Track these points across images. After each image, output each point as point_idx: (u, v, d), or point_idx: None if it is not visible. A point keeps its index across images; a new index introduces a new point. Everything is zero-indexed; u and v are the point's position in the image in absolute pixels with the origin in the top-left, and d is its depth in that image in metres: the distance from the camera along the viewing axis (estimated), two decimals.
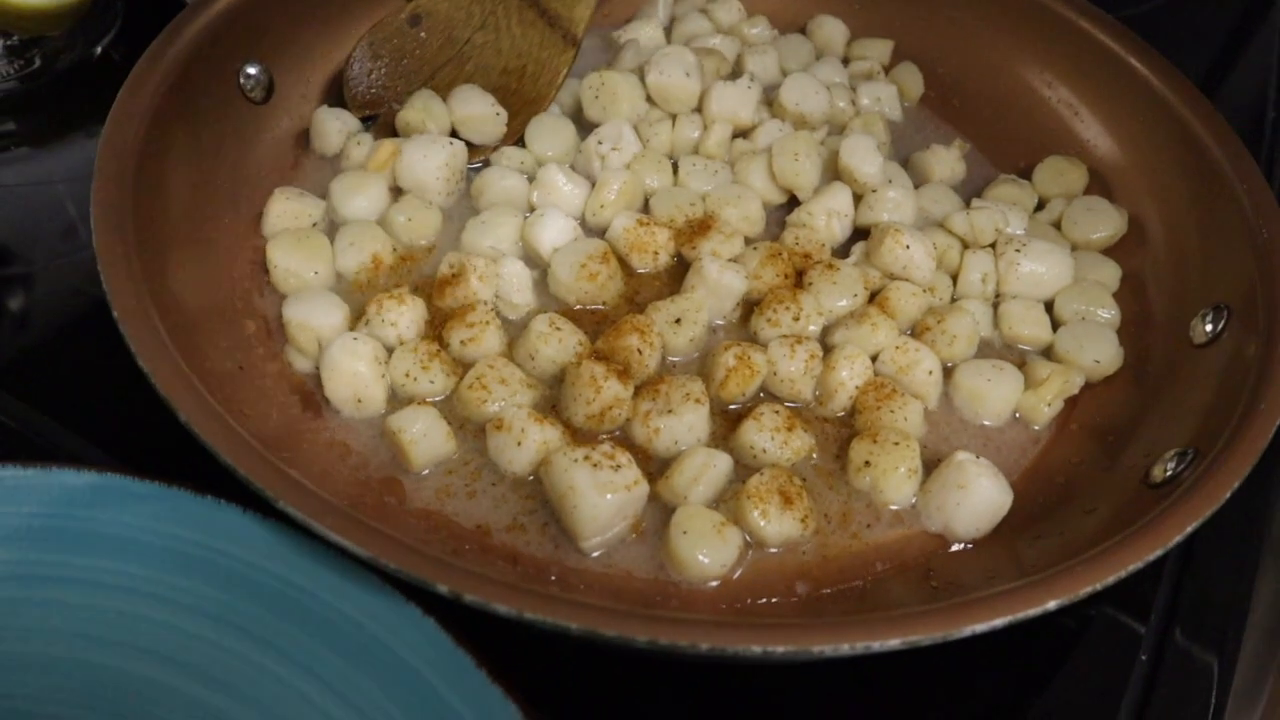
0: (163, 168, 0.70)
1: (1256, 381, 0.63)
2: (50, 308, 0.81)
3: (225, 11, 0.78)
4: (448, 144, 0.76)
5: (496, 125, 0.81)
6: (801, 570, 0.62)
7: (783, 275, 0.73)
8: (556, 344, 0.68)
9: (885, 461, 0.64)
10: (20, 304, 0.81)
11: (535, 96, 0.84)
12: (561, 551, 0.62)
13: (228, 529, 0.55)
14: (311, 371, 0.68)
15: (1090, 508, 0.65)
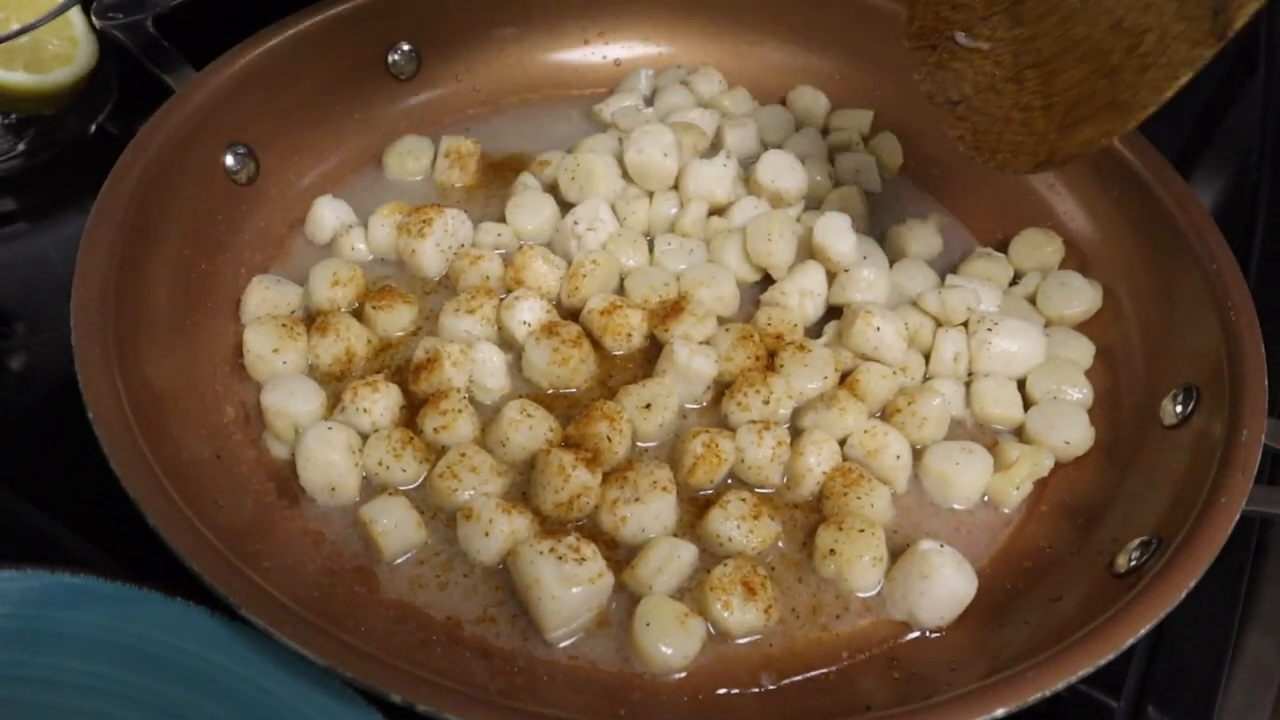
0: (146, 257, 0.72)
1: (1218, 472, 0.63)
2: (41, 386, 0.82)
3: (211, 97, 0.80)
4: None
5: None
6: (767, 661, 0.63)
7: (754, 357, 0.74)
8: (527, 431, 0.69)
9: (850, 550, 0.65)
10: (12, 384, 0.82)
11: (1124, 100, 0.61)
12: (530, 643, 0.63)
13: (196, 631, 0.56)
14: (288, 458, 0.70)
15: (1056, 595, 0.65)
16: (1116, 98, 0.61)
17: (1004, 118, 0.68)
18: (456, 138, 0.88)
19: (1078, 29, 0.63)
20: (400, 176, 0.88)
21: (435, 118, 0.94)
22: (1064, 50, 0.64)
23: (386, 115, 0.92)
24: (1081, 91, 0.63)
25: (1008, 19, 0.67)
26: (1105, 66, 0.62)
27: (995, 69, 0.68)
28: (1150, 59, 0.59)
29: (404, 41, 0.91)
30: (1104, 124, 0.62)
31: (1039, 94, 0.66)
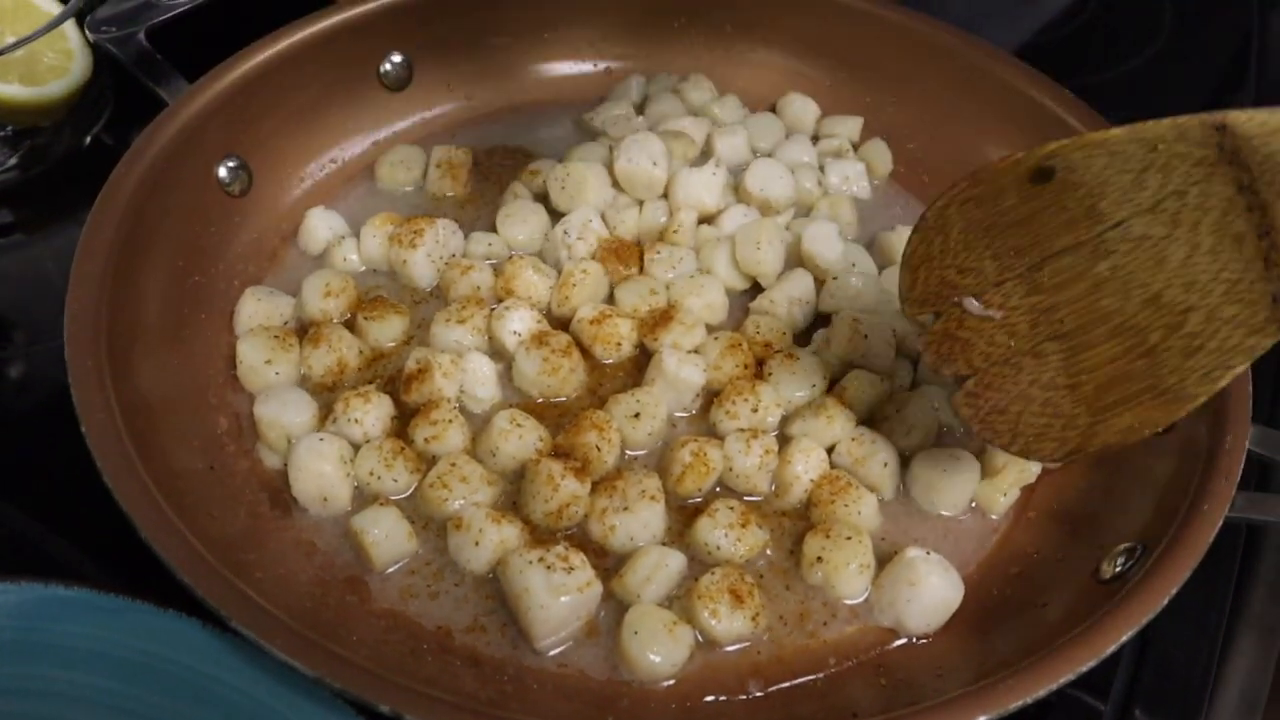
0: (140, 269, 0.73)
1: (1202, 478, 0.63)
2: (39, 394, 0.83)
3: (204, 110, 0.80)
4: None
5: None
6: (755, 668, 0.63)
7: (743, 365, 0.74)
8: (517, 440, 0.69)
9: (837, 557, 0.65)
10: (10, 393, 0.83)
11: (1170, 386, 0.55)
12: (520, 652, 0.63)
13: (189, 642, 0.57)
14: (281, 468, 0.70)
15: (1042, 601, 0.66)
16: (1159, 383, 0.55)
17: (1022, 396, 0.60)
18: (448, 147, 0.89)
19: (1106, 300, 0.56)
20: (392, 187, 0.89)
21: (427, 128, 0.94)
22: (1090, 323, 0.57)
23: (379, 126, 0.93)
24: (1114, 371, 0.57)
25: (1023, 286, 0.59)
26: (1142, 345, 0.56)
27: (1011, 340, 0.60)
28: (1198, 341, 0.53)
29: (396, 52, 0.92)
30: (1145, 412, 0.56)
31: (1063, 371, 0.59)
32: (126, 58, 0.82)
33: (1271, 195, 0.50)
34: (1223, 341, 0.53)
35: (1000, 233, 0.59)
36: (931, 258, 0.61)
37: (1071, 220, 0.56)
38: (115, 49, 0.82)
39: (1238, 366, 0.53)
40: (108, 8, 0.84)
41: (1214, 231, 0.52)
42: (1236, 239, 0.52)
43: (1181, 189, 0.53)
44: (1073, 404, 0.59)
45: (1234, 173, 0.51)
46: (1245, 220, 0.51)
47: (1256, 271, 0.51)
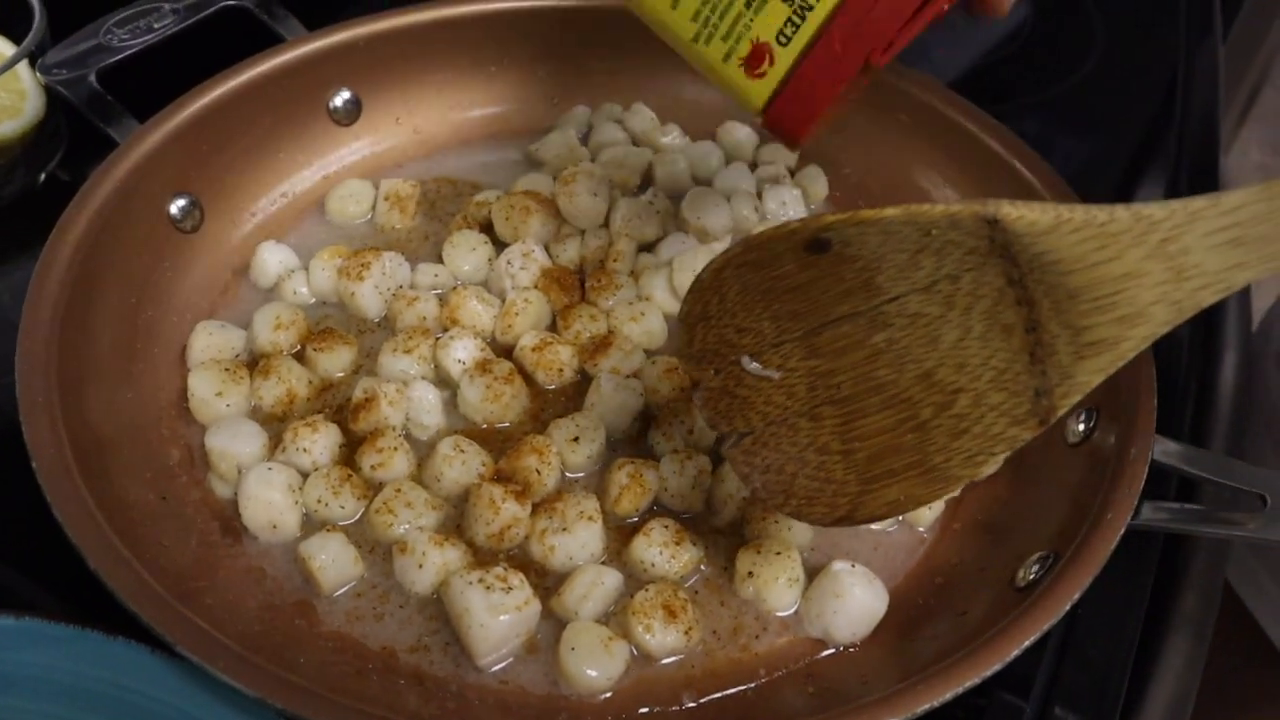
0: (92, 307, 0.75)
1: (1107, 489, 0.67)
2: None
3: (154, 149, 0.83)
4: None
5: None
6: (688, 681, 0.66)
7: (678, 389, 0.77)
8: (460, 466, 0.72)
9: (767, 572, 0.68)
10: None
11: (937, 464, 0.57)
12: (462, 670, 0.66)
13: (137, 668, 0.59)
14: (232, 497, 0.73)
15: (963, 610, 0.69)
16: (926, 459, 0.57)
17: (798, 458, 0.60)
18: (395, 181, 0.92)
19: (882, 371, 0.57)
20: (342, 220, 0.91)
21: (376, 161, 0.97)
22: (866, 391, 0.58)
23: (329, 160, 0.95)
24: (886, 442, 0.58)
25: (802, 348, 0.59)
26: (914, 419, 0.57)
27: (789, 400, 0.60)
28: (965, 424, 0.55)
29: (344, 88, 0.95)
30: (911, 487, 0.58)
31: (838, 435, 0.59)
32: (78, 99, 0.84)
33: (1039, 293, 0.51)
34: (987, 427, 0.54)
35: (778, 297, 0.58)
36: (709, 316, 0.60)
37: (849, 290, 0.56)
38: (66, 91, 0.84)
39: (1000, 454, 0.54)
40: (59, 50, 0.86)
41: (985, 318, 0.53)
42: (1006, 329, 0.53)
43: (955, 274, 0.53)
44: (844, 470, 0.59)
45: (1004, 266, 0.52)
46: (1014, 312, 0.52)
47: (1023, 364, 0.53)
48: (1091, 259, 0.50)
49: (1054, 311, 0.51)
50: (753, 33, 0.58)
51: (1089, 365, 0.52)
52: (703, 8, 0.58)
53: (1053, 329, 0.52)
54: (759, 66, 0.58)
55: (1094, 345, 0.51)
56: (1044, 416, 0.53)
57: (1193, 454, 0.70)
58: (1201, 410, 0.98)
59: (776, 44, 0.57)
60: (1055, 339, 0.52)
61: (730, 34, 0.58)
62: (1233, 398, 1.04)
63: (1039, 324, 0.52)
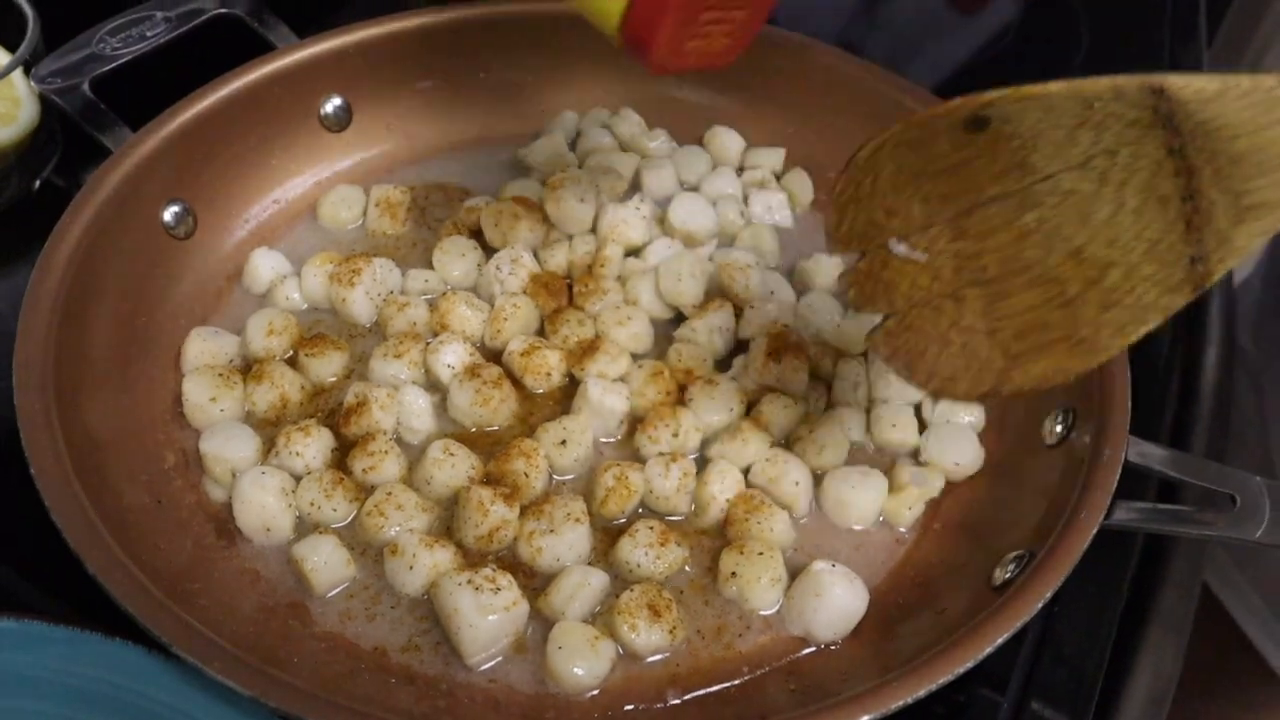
0: (88, 314, 0.76)
1: (1082, 488, 0.68)
2: None
3: (148, 157, 0.84)
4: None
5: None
6: (673, 679, 0.68)
7: (665, 392, 0.79)
8: (450, 469, 0.73)
9: (750, 572, 0.70)
10: None
11: (1085, 336, 0.57)
12: (452, 669, 0.67)
13: (134, 668, 0.60)
14: (226, 501, 0.74)
15: (941, 608, 0.70)
16: (1074, 333, 0.57)
17: (940, 338, 0.61)
18: (386, 187, 0.93)
19: (1029, 251, 0.57)
20: (334, 226, 0.93)
21: (368, 166, 0.98)
22: (1013, 272, 0.58)
23: (320, 166, 0.96)
24: (1033, 320, 0.58)
25: (950, 230, 0.59)
26: (1061, 296, 0.57)
27: (933, 283, 0.61)
28: (1115, 297, 0.55)
29: (335, 95, 0.96)
30: (1060, 360, 0.58)
31: (983, 316, 0.60)
32: (71, 108, 0.85)
33: (1200, 161, 0.52)
34: (1139, 298, 0.55)
35: (930, 178, 0.58)
36: (860, 199, 0.60)
37: (1002, 171, 0.56)
38: (60, 99, 0.85)
39: (1151, 323, 0.54)
40: (53, 59, 0.87)
41: (1140, 192, 0.54)
42: (1162, 201, 0.53)
43: (1113, 148, 0.53)
44: (989, 348, 0.60)
45: (1166, 136, 0.52)
46: (1172, 183, 0.53)
47: (1178, 233, 0.53)
48: (1258, 123, 0.50)
49: (1215, 178, 0.52)
50: None
51: (1248, 229, 0.52)
52: None
53: (1212, 195, 0.52)
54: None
55: (1255, 209, 0.51)
56: (1199, 282, 0.53)
57: (1166, 455, 0.72)
58: (1184, 407, 1.00)
59: None
60: (1214, 205, 0.52)
61: None
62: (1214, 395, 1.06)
63: (1198, 192, 0.52)
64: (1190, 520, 0.70)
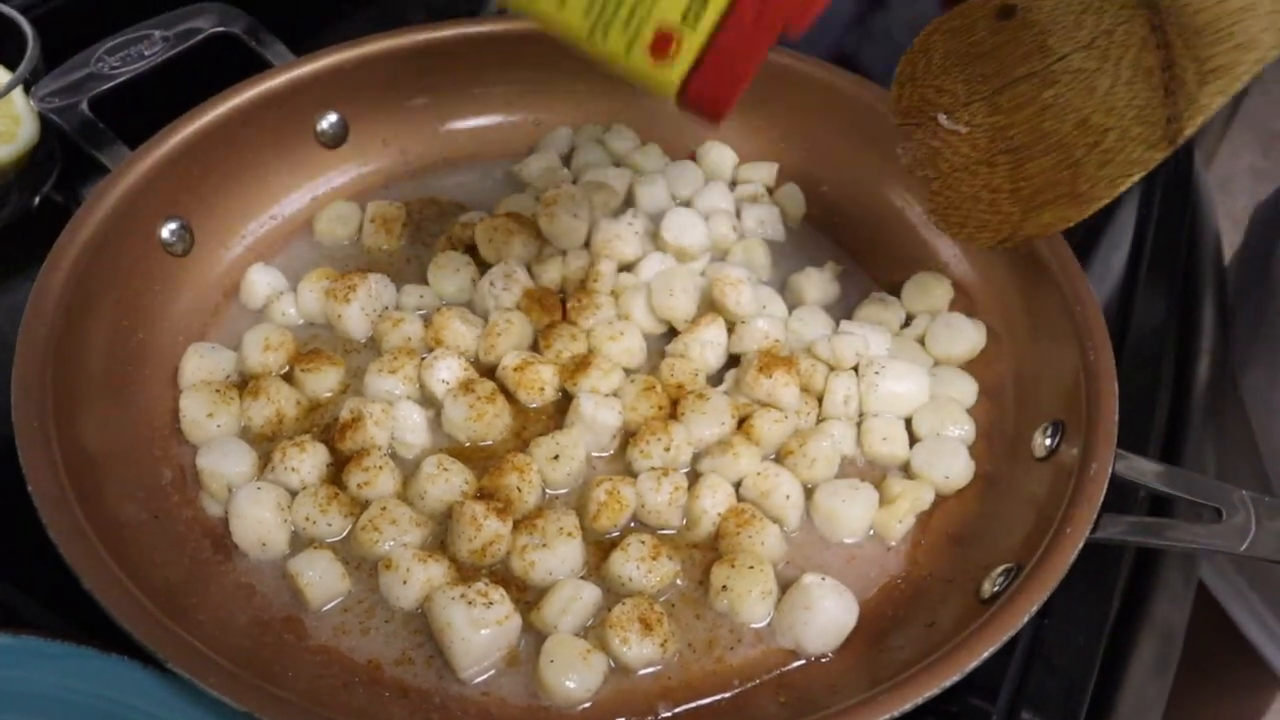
0: (86, 331, 0.77)
1: (1069, 502, 0.69)
2: None
3: (145, 175, 0.85)
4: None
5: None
6: (664, 692, 0.68)
7: (657, 407, 0.80)
8: (444, 484, 0.74)
9: (741, 585, 0.71)
10: None
11: (1083, 191, 0.69)
12: (445, 682, 0.68)
13: (131, 684, 0.61)
14: (223, 515, 0.75)
15: (931, 621, 0.71)
16: (1076, 188, 0.69)
17: (973, 196, 0.75)
18: (382, 203, 0.94)
19: (1048, 123, 0.70)
20: (330, 241, 0.93)
21: (364, 182, 0.99)
22: (1034, 140, 0.71)
23: (317, 182, 0.97)
24: (1047, 179, 0.71)
25: (986, 107, 0.73)
26: (1069, 159, 0.69)
27: (971, 151, 0.75)
28: (1109, 155, 0.66)
29: (331, 111, 0.97)
30: (1062, 210, 0.71)
31: (1008, 178, 0.73)
32: (70, 127, 0.86)
33: (1174, 35, 0.63)
34: (1128, 155, 0.65)
35: (971, 61, 0.73)
36: (916, 77, 0.76)
37: (1027, 53, 0.69)
38: (59, 118, 0.86)
39: (1135, 175, 0.66)
40: (51, 79, 0.88)
41: (1131, 65, 0.65)
42: (1147, 71, 0.65)
43: (1110, 29, 0.66)
44: (1010, 204, 0.73)
45: (1148, 15, 0.64)
46: (1154, 56, 0.64)
47: (1159, 98, 0.64)
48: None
49: (1184, 48, 0.62)
50: (655, 18, 0.54)
51: (1210, 89, 0.62)
52: (592, 5, 0.53)
53: (1183, 63, 0.62)
54: (666, 51, 0.54)
55: (1215, 71, 0.61)
56: (1173, 138, 0.63)
57: (1152, 468, 0.73)
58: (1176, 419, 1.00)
59: (683, 26, 0.54)
60: (1184, 71, 0.62)
61: (630, 22, 0.54)
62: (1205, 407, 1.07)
63: (1173, 62, 0.63)
64: (1177, 533, 0.71)
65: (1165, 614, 0.89)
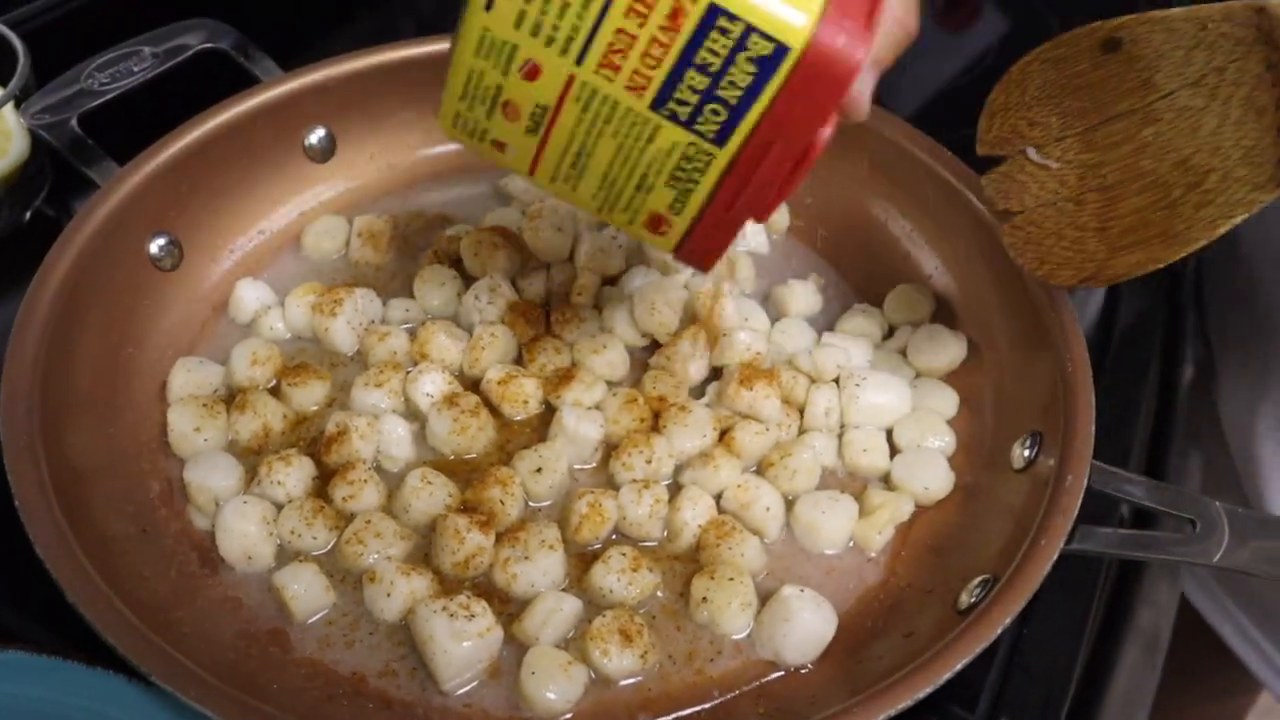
0: (75, 346, 0.78)
1: (1045, 514, 0.70)
2: None
3: (134, 191, 0.85)
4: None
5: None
6: (645, 702, 0.69)
7: (639, 420, 0.80)
8: (428, 497, 0.75)
9: (721, 597, 0.71)
10: None
11: (1178, 231, 0.66)
12: (428, 693, 0.69)
13: (117, 697, 0.62)
14: (210, 529, 0.76)
15: (909, 631, 0.72)
16: (1170, 229, 0.66)
17: (1057, 233, 0.72)
18: (368, 217, 0.95)
19: (1145, 162, 0.67)
20: (318, 256, 0.94)
21: (351, 196, 1.00)
22: (1129, 179, 0.68)
23: (305, 197, 0.98)
24: (1139, 219, 0.68)
25: (1080, 143, 0.70)
26: (1166, 199, 0.66)
27: (1060, 187, 0.72)
28: (1210, 197, 0.64)
29: (319, 126, 0.98)
30: (1153, 251, 0.67)
31: (1096, 216, 0.70)
32: (60, 143, 0.87)
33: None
34: (1230, 196, 0.62)
35: (1069, 94, 0.69)
36: (1009, 108, 0.72)
37: (1129, 89, 0.66)
38: (49, 135, 0.87)
39: (1238, 217, 0.62)
40: (42, 96, 0.89)
41: (1242, 104, 0.62)
42: (1260, 111, 0.61)
43: (1222, 65, 0.62)
44: (1097, 243, 0.70)
45: (1266, 52, 0.60)
46: (1269, 94, 0.61)
47: (1270, 139, 0.61)
48: None
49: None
50: (647, 207, 0.63)
51: None
52: (599, 192, 0.63)
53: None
54: (659, 228, 0.64)
55: None
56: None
57: (1128, 480, 0.73)
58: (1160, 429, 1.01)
59: (670, 213, 0.63)
60: None
61: (628, 209, 0.63)
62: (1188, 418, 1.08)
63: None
64: (1152, 545, 0.72)
65: (1149, 622, 0.89)
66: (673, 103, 0.57)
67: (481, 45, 0.58)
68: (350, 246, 0.94)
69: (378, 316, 0.88)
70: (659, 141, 0.59)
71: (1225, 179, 0.62)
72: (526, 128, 0.61)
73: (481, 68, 0.59)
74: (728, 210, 0.62)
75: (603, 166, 0.62)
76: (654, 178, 0.61)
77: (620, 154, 0.61)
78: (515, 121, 0.61)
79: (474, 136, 0.64)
